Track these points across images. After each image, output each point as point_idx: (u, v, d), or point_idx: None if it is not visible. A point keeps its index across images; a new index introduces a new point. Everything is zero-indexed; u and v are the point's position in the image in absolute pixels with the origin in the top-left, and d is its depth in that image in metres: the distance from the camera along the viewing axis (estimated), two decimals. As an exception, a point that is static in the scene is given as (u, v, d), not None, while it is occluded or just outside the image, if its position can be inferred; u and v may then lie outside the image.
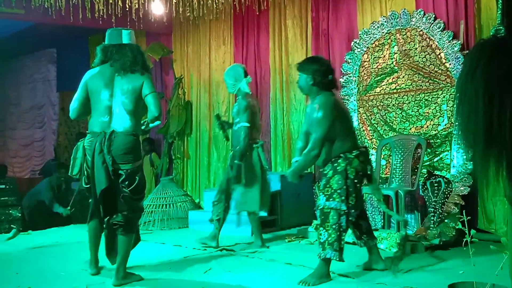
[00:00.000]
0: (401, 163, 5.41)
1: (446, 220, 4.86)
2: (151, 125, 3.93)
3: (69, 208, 6.88)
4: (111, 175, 3.70)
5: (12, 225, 6.56)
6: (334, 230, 3.72)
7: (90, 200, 3.96)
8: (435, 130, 5.36)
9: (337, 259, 3.72)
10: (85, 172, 3.83)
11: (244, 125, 4.95)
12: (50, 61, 10.70)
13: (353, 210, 3.78)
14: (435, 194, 4.87)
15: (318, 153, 3.79)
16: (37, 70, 11.00)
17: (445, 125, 5.30)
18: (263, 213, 5.40)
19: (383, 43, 5.82)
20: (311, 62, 4.00)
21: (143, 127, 3.95)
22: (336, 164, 3.79)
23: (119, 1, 6.18)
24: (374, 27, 5.89)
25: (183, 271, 4.22)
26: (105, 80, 3.80)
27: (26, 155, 11.27)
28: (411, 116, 5.56)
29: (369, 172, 3.92)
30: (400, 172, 5.39)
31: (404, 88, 5.64)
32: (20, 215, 6.81)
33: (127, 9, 6.26)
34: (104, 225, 3.83)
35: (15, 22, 7.64)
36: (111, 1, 6.13)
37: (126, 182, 3.72)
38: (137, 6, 6.23)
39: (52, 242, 5.69)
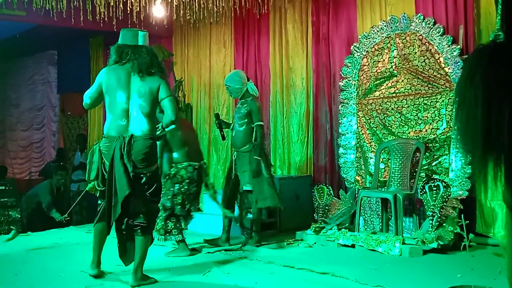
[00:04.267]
0: (400, 166, 5.43)
1: (444, 224, 4.88)
2: (166, 129, 3.90)
3: (66, 216, 6.87)
4: (132, 179, 3.69)
5: (11, 226, 6.56)
6: None
7: (99, 202, 3.96)
8: (433, 134, 5.38)
9: None
10: (100, 176, 3.83)
11: (261, 124, 5.22)
12: (51, 63, 10.71)
13: None
14: (434, 198, 4.89)
15: None
16: (38, 72, 11.01)
17: (444, 129, 5.32)
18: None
19: (382, 47, 5.85)
20: None
21: (157, 132, 3.94)
22: None
23: (120, 4, 6.20)
24: (373, 31, 5.92)
25: (183, 273, 4.22)
26: (121, 81, 3.77)
27: (25, 157, 11.27)
28: (410, 120, 5.59)
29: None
30: (399, 175, 5.41)
31: (403, 92, 5.66)
32: (19, 216, 6.81)
33: (128, 12, 6.28)
34: (123, 226, 3.80)
35: (16, 24, 7.67)
36: (112, 4, 6.15)
37: (146, 186, 3.74)
38: (138, 9, 6.25)
39: (51, 244, 5.69)
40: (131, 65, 3.79)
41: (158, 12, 7.02)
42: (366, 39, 5.98)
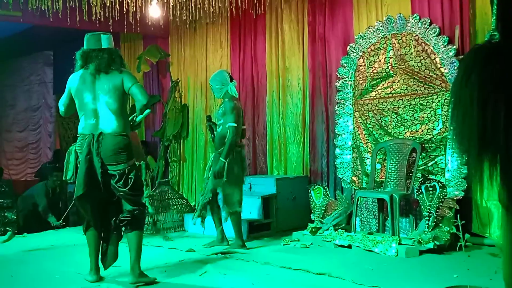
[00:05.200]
0: (396, 167, 5.43)
1: (440, 224, 4.88)
2: (140, 117, 3.96)
3: (61, 221, 6.86)
4: (100, 177, 3.73)
5: (7, 228, 6.52)
6: None
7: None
8: (430, 135, 5.39)
9: None
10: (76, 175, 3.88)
11: (232, 125, 5.11)
12: (47, 64, 10.69)
13: None
14: (430, 198, 4.89)
15: None
16: (34, 72, 10.98)
17: (440, 129, 5.32)
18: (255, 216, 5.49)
19: (378, 47, 5.85)
20: None
21: (132, 123, 3.99)
22: None
23: (116, 4, 6.19)
24: (370, 31, 5.92)
25: (179, 274, 4.21)
26: (87, 83, 3.86)
27: (21, 158, 11.24)
28: (406, 121, 5.59)
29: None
30: (395, 176, 5.41)
31: (400, 93, 5.67)
32: (15, 217, 6.78)
33: (124, 12, 6.27)
34: (112, 227, 3.87)
35: (12, 24, 7.65)
36: (108, 4, 6.13)
37: (121, 182, 3.76)
38: (134, 9, 6.24)
39: (47, 245, 5.68)
40: (90, 66, 3.87)
41: (154, 12, 7.01)
42: (362, 40, 5.98)
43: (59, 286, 3.94)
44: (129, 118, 4.04)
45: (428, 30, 5.44)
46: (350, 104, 6.06)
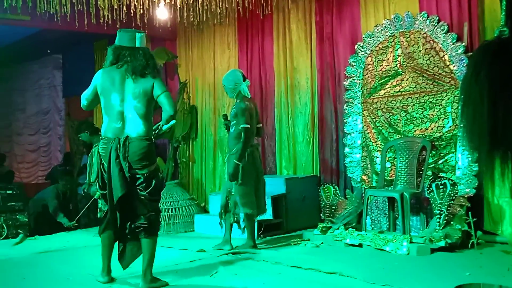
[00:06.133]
0: (406, 165, 5.41)
1: (452, 222, 4.86)
2: (165, 126, 3.88)
3: (74, 222, 6.90)
4: (128, 180, 3.71)
5: (19, 230, 6.57)
6: None
7: (99, 215, 3.98)
8: (439, 132, 5.36)
9: None
10: (100, 177, 3.87)
11: (244, 126, 5.05)
12: (56, 67, 10.75)
13: None
14: (441, 196, 4.87)
15: None
16: (43, 76, 11.05)
17: (450, 127, 5.30)
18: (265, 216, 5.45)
19: (387, 45, 5.83)
20: None
21: (157, 131, 3.93)
22: None
23: (124, 7, 6.21)
24: (377, 30, 5.91)
25: (190, 275, 4.23)
26: (116, 83, 3.78)
27: (32, 161, 11.31)
28: (415, 119, 5.57)
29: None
30: (405, 174, 5.39)
31: (408, 91, 5.65)
32: (27, 220, 6.84)
33: (132, 15, 6.29)
34: (127, 231, 3.82)
35: (21, 28, 7.70)
36: (116, 7, 6.16)
37: (143, 185, 3.76)
38: (142, 12, 6.26)
39: (59, 247, 5.72)
40: (125, 68, 3.81)
41: (162, 14, 7.03)
42: (370, 38, 5.97)
43: (72, 287, 3.97)
44: (154, 127, 3.98)
45: (436, 27, 5.41)
46: (359, 103, 6.05)
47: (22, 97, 11.51)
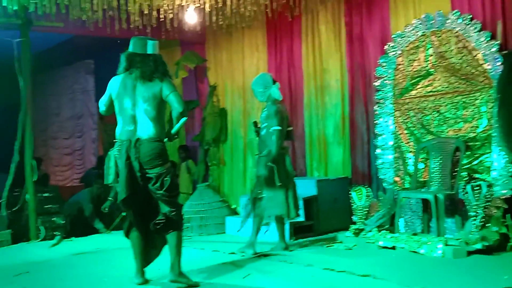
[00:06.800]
0: (440, 166, 5.33)
1: (488, 224, 4.76)
2: (176, 127, 3.99)
3: (109, 230, 7.04)
4: (140, 180, 3.87)
5: (55, 232, 6.73)
6: None
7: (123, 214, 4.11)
8: (474, 133, 5.26)
9: None
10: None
11: (276, 129, 5.06)
12: (89, 72, 10.94)
13: None
14: (476, 198, 4.78)
15: None
16: (76, 81, 11.25)
17: (485, 127, 5.19)
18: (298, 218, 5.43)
19: (417, 45, 5.76)
20: None
21: (172, 131, 4.04)
22: None
23: (154, 12, 6.30)
24: (408, 29, 5.84)
25: (223, 276, 4.26)
26: (127, 88, 3.95)
27: (67, 164, 11.54)
28: (448, 119, 5.48)
29: None
30: (439, 175, 5.31)
31: (441, 91, 5.56)
32: (63, 222, 6.99)
33: (161, 20, 6.37)
34: (151, 228, 3.96)
35: (55, 35, 7.89)
36: (146, 12, 6.25)
37: (158, 184, 3.88)
38: (171, 16, 6.33)
39: (94, 248, 5.83)
40: (136, 73, 3.95)
41: (191, 18, 7.09)
42: (400, 38, 5.91)
43: (108, 289, 4.05)
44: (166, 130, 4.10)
45: (469, 26, 5.31)
46: (390, 104, 5.99)
47: (56, 101, 11.75)
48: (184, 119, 3.96)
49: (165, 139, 4.02)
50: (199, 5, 6.23)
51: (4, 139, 7.00)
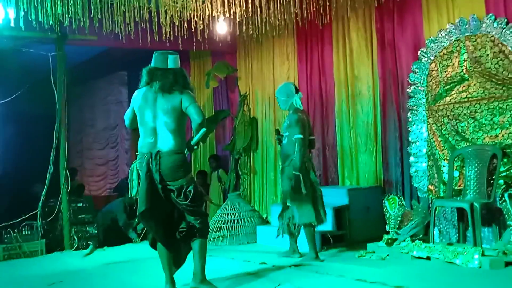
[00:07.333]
0: (476, 174, 5.17)
1: (527, 234, 4.59)
2: (196, 138, 4.04)
3: (142, 240, 7.11)
4: (161, 192, 3.91)
5: (89, 242, 6.84)
6: None
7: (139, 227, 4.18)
8: (511, 139, 5.10)
9: None
10: None
11: (299, 137, 5.12)
12: (122, 84, 11.16)
13: None
14: (514, 207, 4.62)
15: None
16: (110, 92, 11.50)
17: (523, 134, 5.02)
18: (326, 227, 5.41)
19: (451, 51, 5.63)
20: None
21: (192, 142, 4.08)
22: None
23: (185, 23, 6.37)
24: (441, 35, 5.72)
25: (253, 286, 4.22)
26: (148, 102, 4.01)
27: (101, 174, 11.76)
28: (484, 125, 5.33)
29: None
30: (475, 183, 5.16)
31: (476, 97, 5.42)
32: (96, 232, 7.10)
33: (192, 31, 6.44)
34: (177, 236, 4.03)
35: (89, 48, 8.08)
36: (177, 23, 6.33)
37: (181, 196, 3.93)
38: (202, 27, 6.39)
39: (126, 258, 5.89)
40: (156, 86, 4.01)
41: (222, 29, 7.16)
42: (433, 44, 5.79)
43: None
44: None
45: (505, 30, 5.17)
46: (423, 111, 5.87)
47: (91, 113, 12.02)
48: (203, 130, 4.01)
49: (186, 151, 4.06)
50: (229, 15, 6.27)
51: (40, 150, 7.18)
